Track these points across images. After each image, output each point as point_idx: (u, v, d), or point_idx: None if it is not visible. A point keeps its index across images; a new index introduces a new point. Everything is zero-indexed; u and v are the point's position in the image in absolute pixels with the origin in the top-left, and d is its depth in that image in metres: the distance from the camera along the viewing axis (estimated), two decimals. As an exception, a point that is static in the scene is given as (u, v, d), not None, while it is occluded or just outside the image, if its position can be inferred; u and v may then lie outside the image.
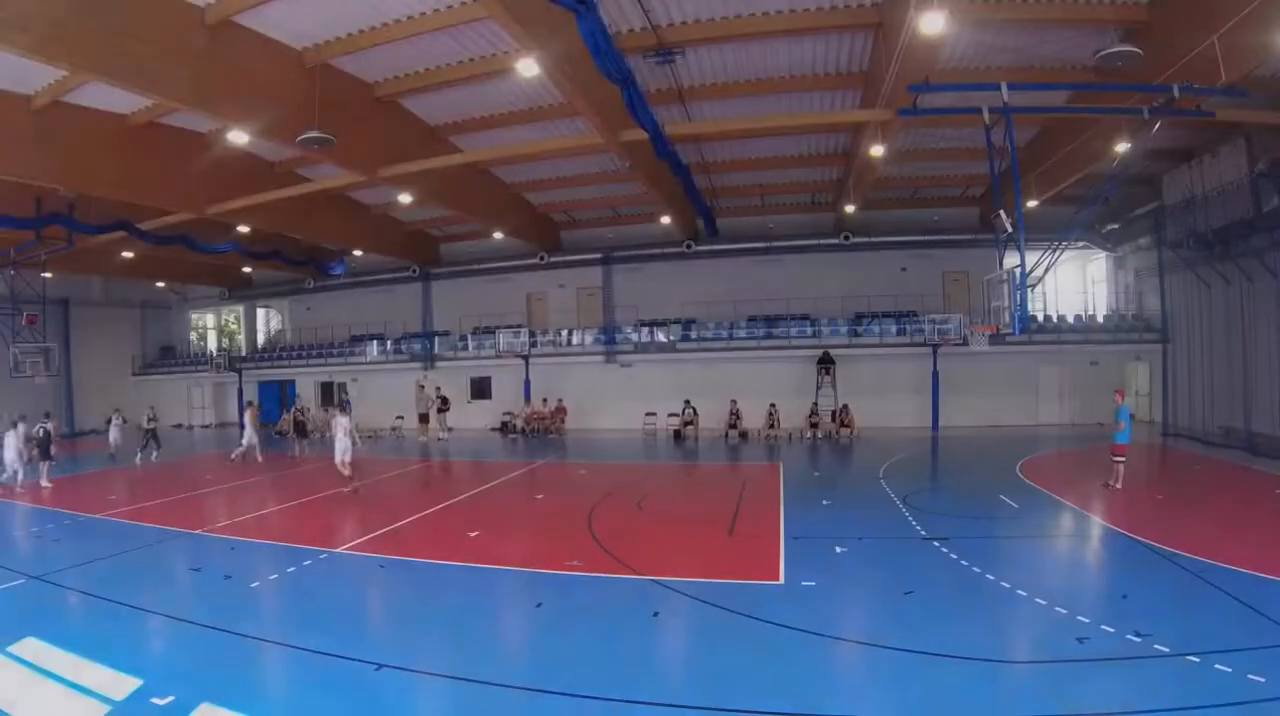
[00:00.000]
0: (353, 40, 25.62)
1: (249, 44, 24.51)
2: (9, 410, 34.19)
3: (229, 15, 22.91)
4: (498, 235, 51.17)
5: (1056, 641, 11.76)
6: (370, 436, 49.54)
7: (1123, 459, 24.09)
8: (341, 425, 27.85)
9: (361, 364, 59.03)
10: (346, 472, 27.18)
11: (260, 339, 70.78)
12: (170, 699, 10.25)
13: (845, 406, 43.25)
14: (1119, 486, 23.91)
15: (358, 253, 57.52)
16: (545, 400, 50.26)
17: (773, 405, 43.50)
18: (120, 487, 30.89)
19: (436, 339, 57.28)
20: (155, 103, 28.15)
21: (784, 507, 22.61)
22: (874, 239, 48.20)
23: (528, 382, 51.16)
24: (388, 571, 17.29)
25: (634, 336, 51.56)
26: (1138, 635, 11.56)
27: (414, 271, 58.42)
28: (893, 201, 47.57)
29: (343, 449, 27.24)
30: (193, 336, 74.15)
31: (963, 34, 23.78)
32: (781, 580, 15.17)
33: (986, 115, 24.98)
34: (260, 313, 71.24)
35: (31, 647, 12.24)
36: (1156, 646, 11.14)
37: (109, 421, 42.97)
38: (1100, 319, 47.30)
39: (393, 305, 60.33)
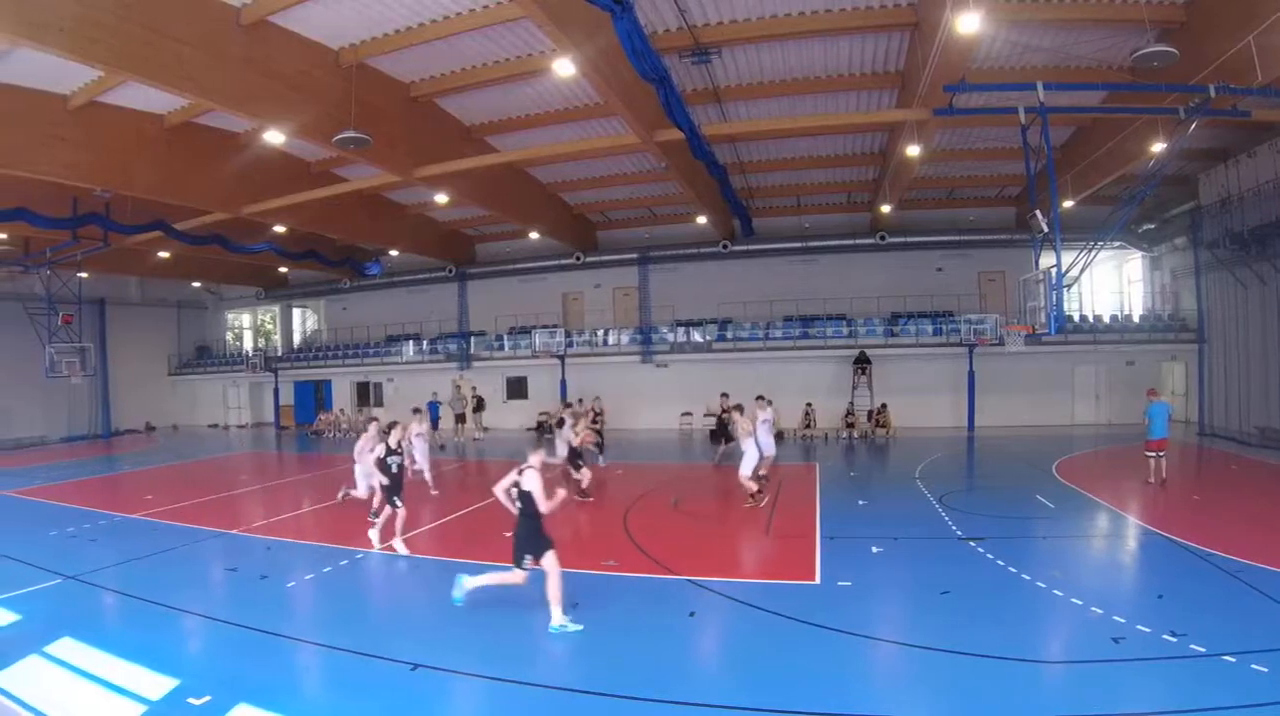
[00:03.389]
0: (389, 40, 25.68)
1: (285, 44, 24.61)
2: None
3: (265, 15, 23.00)
4: (534, 235, 51.04)
5: (1092, 641, 11.76)
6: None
7: (1154, 453, 24.20)
8: (419, 431, 27.35)
9: (397, 364, 59.05)
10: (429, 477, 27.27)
11: (296, 339, 71.05)
12: (207, 698, 10.36)
13: (883, 406, 43.32)
14: (1154, 480, 24.15)
15: (394, 252, 57.62)
16: (580, 400, 50.07)
17: (809, 405, 43.45)
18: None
19: (472, 339, 57.24)
20: (191, 102, 28.27)
21: (820, 507, 22.58)
22: (910, 239, 47.95)
23: (563, 382, 51.02)
24: (423, 571, 17.39)
25: (670, 336, 51.45)
26: (1173, 635, 11.55)
27: (450, 271, 58.39)
28: (929, 201, 47.53)
29: (424, 453, 27.14)
30: (229, 336, 74.23)
31: (999, 34, 23.83)
32: (818, 580, 15.16)
33: (1023, 115, 25.01)
34: (296, 312, 71.57)
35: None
36: (1192, 646, 11.14)
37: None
38: (1136, 319, 46.94)
39: (429, 305, 60.45)
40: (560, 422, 27.75)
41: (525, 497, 13.40)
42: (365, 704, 10.46)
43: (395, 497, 18.34)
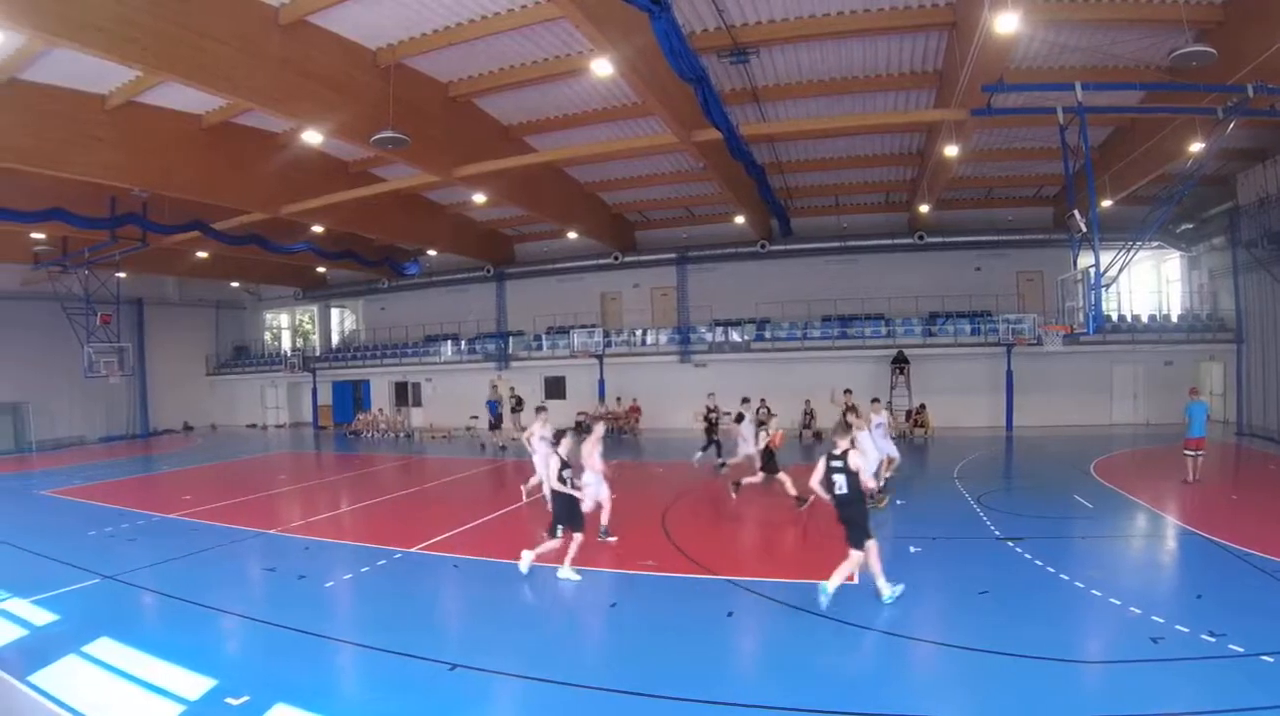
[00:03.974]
0: (427, 40, 25.72)
1: (323, 44, 24.70)
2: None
3: (303, 15, 23.08)
4: (572, 235, 51.22)
5: (1131, 641, 11.78)
6: (445, 437, 50.31)
7: (1192, 452, 24.26)
8: (540, 433, 23.48)
9: (435, 364, 59.33)
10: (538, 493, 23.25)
11: (334, 338, 71.37)
12: (245, 698, 10.43)
13: (922, 406, 43.21)
14: (1193, 479, 24.22)
15: (432, 252, 57.74)
16: (619, 399, 50.46)
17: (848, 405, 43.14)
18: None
19: (511, 339, 57.44)
20: (229, 102, 28.44)
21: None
22: (948, 239, 47.89)
23: (602, 382, 51.32)
24: (462, 571, 17.46)
25: (708, 336, 51.58)
26: (1212, 635, 11.54)
27: (488, 271, 58.48)
28: (967, 201, 47.49)
29: (544, 457, 20.65)
30: (267, 336, 74.74)
31: (1036, 33, 23.87)
32: (856, 580, 14.92)
33: (1061, 115, 24.95)
34: (334, 312, 71.94)
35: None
36: (1231, 646, 11.13)
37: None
38: (1174, 319, 46.73)
39: (467, 305, 60.74)
40: (739, 418, 26.94)
41: (853, 480, 13.83)
42: (403, 703, 10.51)
43: (576, 520, 16.30)
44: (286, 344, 73.45)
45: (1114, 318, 45.29)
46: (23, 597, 15.45)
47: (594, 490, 18.63)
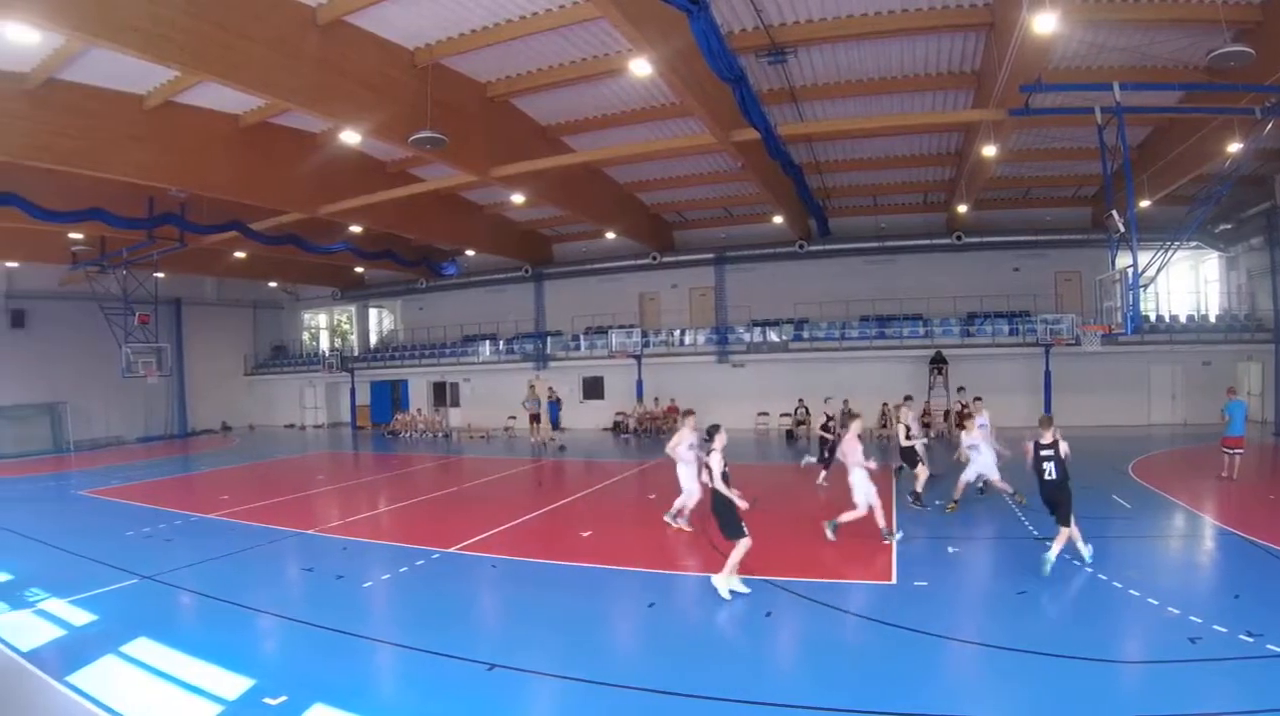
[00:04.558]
0: (465, 40, 25.74)
1: (361, 43, 24.74)
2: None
3: (341, 15, 23.10)
4: (610, 235, 51.00)
5: (1169, 641, 11.76)
6: (483, 437, 50.55)
7: (1230, 451, 24.35)
8: (688, 441, 20.48)
9: (474, 364, 59.53)
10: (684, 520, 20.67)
11: (373, 338, 71.55)
12: (283, 698, 10.50)
13: (963, 406, 43.01)
14: (1228, 476, 24.31)
15: (470, 252, 57.89)
16: (656, 400, 50.58)
17: (885, 404, 42.95)
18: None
19: (549, 339, 57.57)
20: (267, 102, 28.47)
21: (896, 507, 22.50)
22: (986, 239, 47.70)
23: (640, 382, 51.39)
24: (500, 571, 17.49)
25: (746, 336, 51.50)
26: (1250, 635, 11.51)
27: (526, 271, 58.57)
28: (1005, 201, 47.28)
29: (692, 468, 19.86)
30: (305, 336, 75.12)
31: (1074, 34, 23.69)
32: (894, 580, 15.23)
33: (1099, 115, 24.88)
34: (373, 312, 72.09)
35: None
36: (1269, 646, 11.11)
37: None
38: (1212, 319, 46.53)
39: (505, 305, 60.87)
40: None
41: (1061, 465, 15.13)
42: (441, 704, 10.57)
43: (740, 526, 15.03)
44: (324, 344, 73.76)
45: (1152, 318, 45.15)
46: (61, 597, 15.60)
47: (863, 490, 18.73)
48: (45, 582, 16.83)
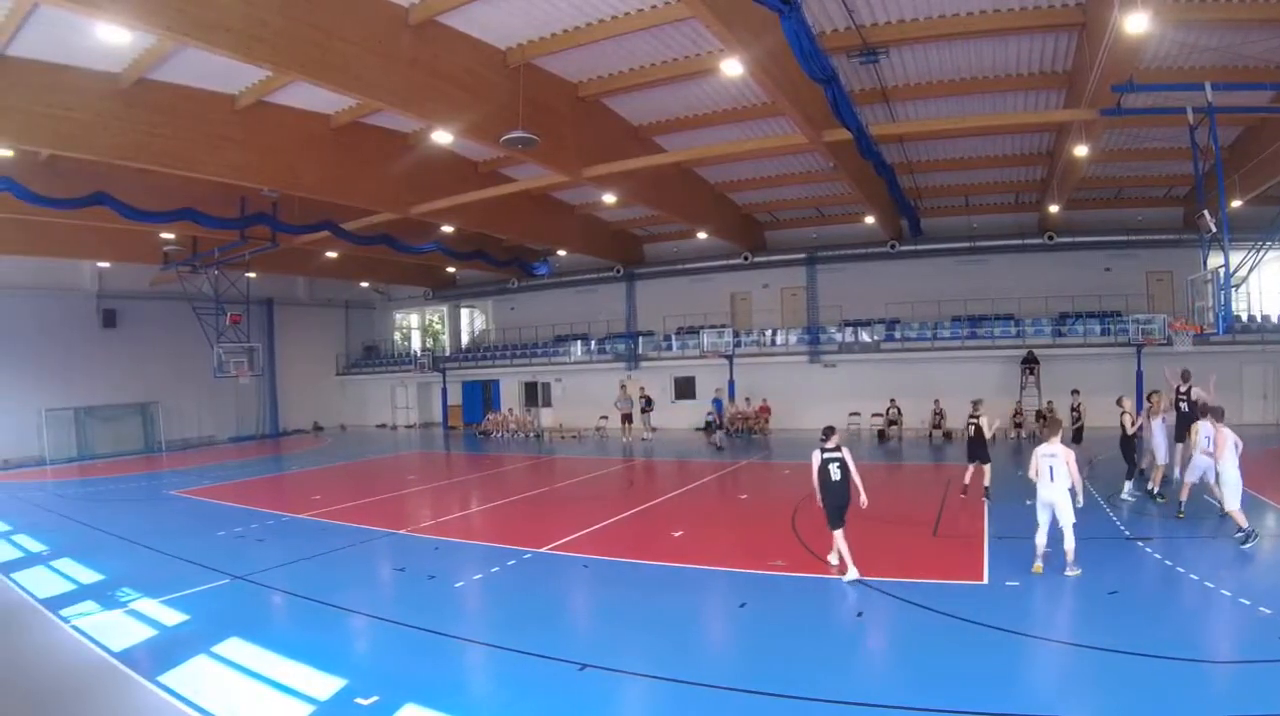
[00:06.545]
0: (556, 40, 25.77)
1: (453, 44, 24.81)
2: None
3: (433, 15, 23.18)
4: (701, 235, 51.11)
5: (1260, 641, 11.68)
6: (574, 437, 50.87)
7: None
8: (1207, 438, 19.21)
9: (565, 364, 59.69)
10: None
11: (464, 338, 71.88)
12: (375, 698, 10.58)
13: (1078, 405, 42.68)
14: None
15: (561, 252, 58.09)
16: (748, 399, 50.47)
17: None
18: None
19: (640, 339, 57.64)
20: (358, 102, 28.74)
21: (988, 507, 22.61)
22: (1078, 239, 47.35)
23: (732, 382, 51.28)
24: (591, 571, 17.62)
25: (838, 336, 51.42)
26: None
27: (618, 271, 58.69)
28: (1096, 201, 46.88)
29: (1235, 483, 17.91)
30: (396, 336, 75.59)
31: (1166, 34, 23.44)
32: (985, 580, 15.24)
33: (1190, 115, 24.68)
34: (464, 312, 72.38)
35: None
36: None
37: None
38: (1305, 319, 45.74)
39: (596, 305, 61.02)
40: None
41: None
42: (532, 704, 10.63)
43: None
44: (416, 344, 74.13)
45: (1243, 317, 44.57)
46: (153, 598, 15.86)
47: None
48: (137, 583, 17.13)
